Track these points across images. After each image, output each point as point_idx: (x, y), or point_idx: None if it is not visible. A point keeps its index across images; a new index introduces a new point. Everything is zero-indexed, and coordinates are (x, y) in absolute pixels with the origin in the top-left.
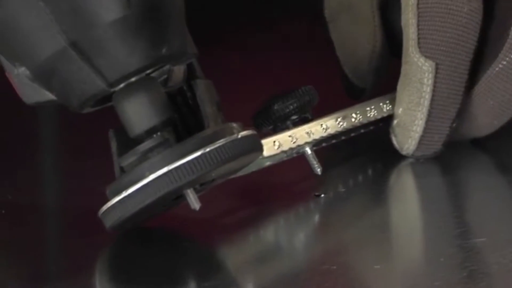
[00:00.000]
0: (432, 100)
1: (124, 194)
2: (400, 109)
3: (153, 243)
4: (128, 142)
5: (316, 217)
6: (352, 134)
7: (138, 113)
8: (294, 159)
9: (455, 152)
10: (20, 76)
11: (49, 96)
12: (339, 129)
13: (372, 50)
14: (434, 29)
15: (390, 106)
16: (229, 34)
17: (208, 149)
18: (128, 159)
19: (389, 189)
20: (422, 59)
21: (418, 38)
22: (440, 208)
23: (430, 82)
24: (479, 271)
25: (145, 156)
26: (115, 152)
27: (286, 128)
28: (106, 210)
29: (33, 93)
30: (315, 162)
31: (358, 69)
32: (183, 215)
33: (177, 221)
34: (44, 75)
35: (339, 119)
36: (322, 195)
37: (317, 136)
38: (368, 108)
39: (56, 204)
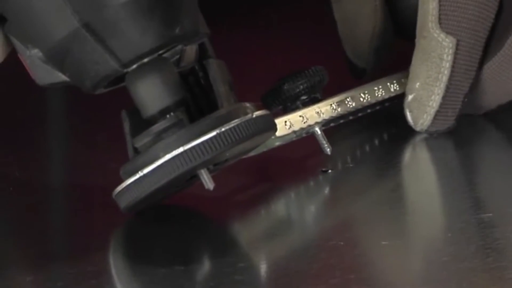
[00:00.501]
0: (451, 76)
1: (139, 174)
2: (418, 84)
3: (166, 221)
4: (141, 123)
5: (325, 193)
6: (360, 114)
7: (152, 93)
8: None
9: (467, 127)
10: (32, 58)
11: (62, 77)
12: (348, 109)
13: (372, 30)
14: (456, 5)
15: (398, 86)
16: (237, 13)
17: (223, 129)
18: (143, 140)
19: (396, 165)
20: (442, 35)
21: (440, 14)
22: (447, 183)
23: (450, 58)
24: (486, 246)
25: (159, 136)
26: (128, 133)
27: (296, 108)
28: (121, 191)
29: (45, 74)
30: (324, 142)
31: (358, 49)
32: (195, 193)
33: (189, 200)
34: (57, 57)
35: (348, 99)
36: (330, 171)
37: (327, 116)
38: (376, 88)
39: (65, 182)
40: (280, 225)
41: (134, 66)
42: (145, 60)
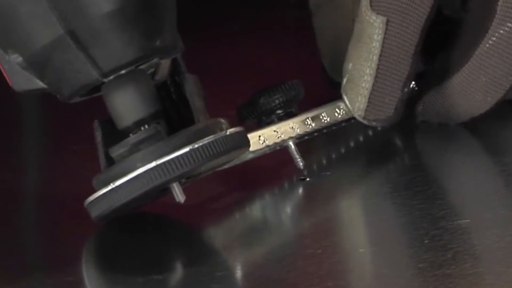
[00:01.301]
0: (381, 55)
1: (114, 185)
2: (350, 65)
3: (141, 230)
4: (114, 133)
5: (301, 201)
6: (334, 128)
7: (128, 104)
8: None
9: (442, 134)
10: (11, 63)
11: (40, 84)
12: (323, 124)
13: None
14: None
15: None
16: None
17: (197, 145)
18: (118, 150)
19: (372, 172)
20: (373, 16)
21: None
22: (423, 190)
23: (380, 37)
24: (463, 252)
25: (136, 147)
26: (100, 142)
27: (271, 122)
28: (94, 200)
29: (23, 81)
30: (298, 156)
31: (335, 62)
32: (170, 201)
33: (163, 208)
34: (38, 63)
35: (323, 114)
36: (307, 179)
37: (301, 131)
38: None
39: (37, 191)
40: (257, 233)
41: (112, 77)
42: (123, 71)
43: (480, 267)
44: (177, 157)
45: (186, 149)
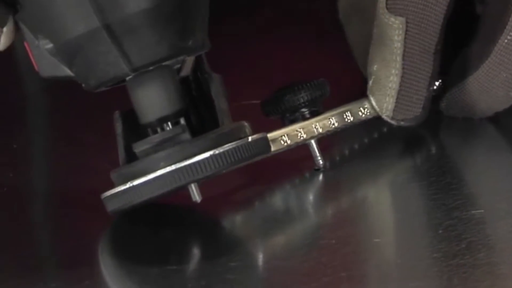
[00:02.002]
0: (404, 55)
1: (135, 182)
2: (375, 67)
3: (157, 221)
4: (134, 125)
5: (316, 192)
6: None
7: (153, 101)
8: None
9: (462, 127)
10: (40, 49)
11: (67, 72)
12: (346, 124)
13: None
14: None
15: None
16: (240, 13)
17: (220, 150)
18: (142, 146)
19: (387, 163)
20: (392, 18)
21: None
22: (437, 180)
23: (401, 38)
24: (477, 242)
25: (160, 145)
26: (120, 135)
27: (294, 119)
28: (112, 195)
29: (51, 67)
30: (318, 154)
31: None
32: (187, 193)
33: (180, 199)
34: (68, 52)
35: (347, 114)
36: (322, 169)
37: (323, 130)
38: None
39: (52, 182)
40: (272, 224)
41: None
42: (152, 67)
43: (494, 257)
44: (199, 161)
45: (209, 154)
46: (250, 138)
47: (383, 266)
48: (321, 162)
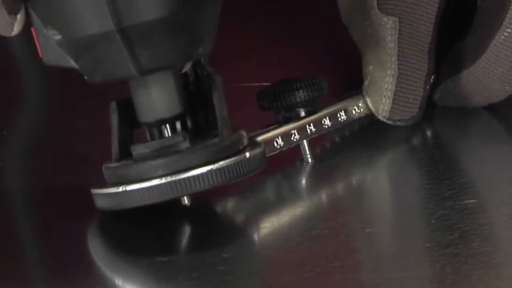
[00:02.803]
0: (399, 55)
1: (128, 188)
2: (371, 67)
3: (147, 212)
4: (130, 116)
5: (307, 182)
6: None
7: (155, 102)
8: None
9: (455, 116)
10: (48, 38)
11: (71, 63)
12: (339, 123)
13: None
14: None
15: None
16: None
17: (219, 166)
18: (141, 150)
19: (378, 153)
20: (385, 18)
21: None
22: (430, 170)
23: (394, 38)
24: (470, 232)
25: (159, 152)
26: (115, 127)
27: (289, 118)
28: (103, 194)
29: (56, 57)
30: (308, 153)
31: None
32: None
33: None
34: (78, 47)
35: (341, 113)
36: (313, 161)
37: (317, 131)
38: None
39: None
40: (263, 214)
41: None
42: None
43: (488, 247)
44: (196, 175)
45: (207, 169)
46: (248, 154)
47: (375, 256)
48: (310, 160)
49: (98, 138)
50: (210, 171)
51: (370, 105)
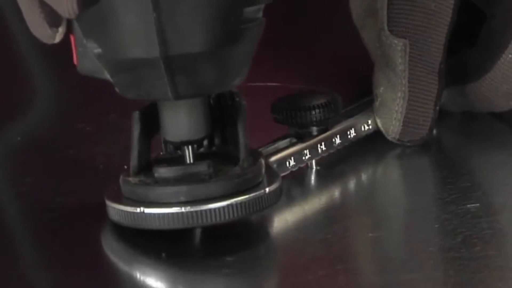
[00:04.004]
0: (410, 77)
1: (148, 210)
2: (381, 89)
3: None
4: (150, 126)
5: (311, 188)
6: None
7: (183, 124)
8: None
9: (458, 120)
10: (86, 48)
11: (106, 76)
12: (348, 140)
13: None
14: (403, 13)
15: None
16: None
17: (239, 201)
18: (165, 173)
19: (382, 157)
20: (395, 40)
21: (388, 21)
22: (433, 175)
23: (405, 60)
24: (473, 236)
25: (182, 178)
26: (136, 137)
27: (302, 135)
28: (118, 210)
29: (91, 67)
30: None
31: None
32: None
33: None
34: (117, 66)
35: (351, 131)
36: (318, 168)
37: (327, 149)
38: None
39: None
40: (267, 220)
41: None
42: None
43: (490, 250)
44: (217, 208)
45: (227, 203)
46: (267, 189)
47: (378, 259)
48: (314, 166)
49: (104, 142)
50: (231, 205)
51: (380, 126)
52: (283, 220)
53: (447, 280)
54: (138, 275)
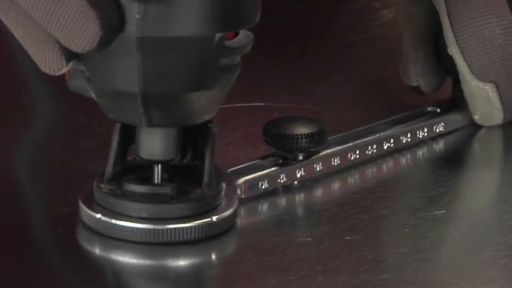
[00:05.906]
0: (504, 112)
1: (114, 221)
2: (478, 113)
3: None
4: (129, 139)
5: (292, 196)
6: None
7: (154, 146)
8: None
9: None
10: (77, 69)
11: (93, 95)
12: (332, 166)
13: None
14: (479, 57)
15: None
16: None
17: (196, 224)
18: (133, 189)
19: (355, 168)
20: (481, 84)
21: (470, 68)
22: (404, 185)
23: (497, 100)
24: (440, 239)
25: (147, 196)
26: (114, 147)
27: (287, 158)
28: (88, 214)
29: (80, 85)
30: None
31: (403, 66)
32: None
33: None
34: (102, 90)
35: (335, 159)
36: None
37: (306, 175)
38: (369, 147)
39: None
40: (252, 224)
41: None
42: None
43: (455, 252)
44: (175, 228)
45: (185, 226)
46: (215, 218)
47: (354, 260)
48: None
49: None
50: (189, 227)
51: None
52: (266, 225)
53: (416, 279)
54: (123, 275)
